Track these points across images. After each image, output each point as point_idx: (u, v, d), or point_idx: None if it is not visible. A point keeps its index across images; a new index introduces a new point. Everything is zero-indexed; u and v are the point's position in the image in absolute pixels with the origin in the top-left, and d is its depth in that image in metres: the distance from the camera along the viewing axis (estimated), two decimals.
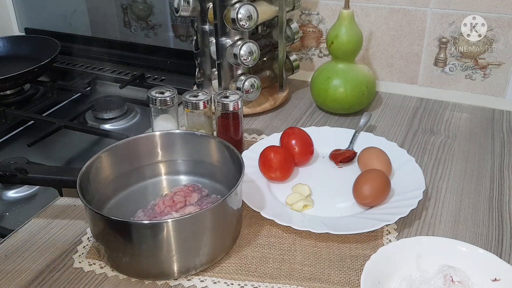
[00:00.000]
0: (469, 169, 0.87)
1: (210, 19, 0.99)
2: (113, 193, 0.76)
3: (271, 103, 1.07)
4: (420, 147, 0.94)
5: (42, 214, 0.78)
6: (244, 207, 0.74)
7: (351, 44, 1.00)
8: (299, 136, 0.87)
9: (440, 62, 1.09)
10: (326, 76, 1.03)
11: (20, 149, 0.99)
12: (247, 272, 0.67)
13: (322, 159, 0.90)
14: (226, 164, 0.76)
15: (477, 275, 0.61)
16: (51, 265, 0.68)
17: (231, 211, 0.68)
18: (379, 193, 0.75)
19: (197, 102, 0.85)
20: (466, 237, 0.72)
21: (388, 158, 0.82)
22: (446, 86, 1.11)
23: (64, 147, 1.01)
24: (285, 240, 0.72)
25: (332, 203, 0.79)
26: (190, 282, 0.65)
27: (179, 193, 0.75)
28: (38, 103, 1.15)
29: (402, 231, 0.73)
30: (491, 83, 1.07)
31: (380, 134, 0.96)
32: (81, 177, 0.67)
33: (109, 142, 0.94)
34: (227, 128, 0.87)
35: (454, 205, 0.79)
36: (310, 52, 1.20)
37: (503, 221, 0.75)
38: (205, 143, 0.79)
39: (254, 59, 0.97)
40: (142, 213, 0.73)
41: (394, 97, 1.13)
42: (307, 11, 1.16)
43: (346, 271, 0.66)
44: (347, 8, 0.98)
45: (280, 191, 0.81)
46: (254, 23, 0.95)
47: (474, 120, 1.03)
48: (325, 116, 1.06)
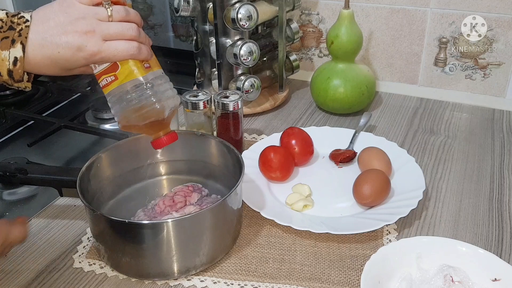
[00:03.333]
0: (469, 169, 0.87)
1: (210, 19, 0.99)
2: (113, 193, 0.76)
3: (271, 103, 1.07)
4: (420, 147, 0.94)
5: (42, 214, 0.78)
6: (244, 207, 0.74)
7: (351, 44, 1.00)
8: (299, 136, 0.87)
9: (440, 62, 1.09)
10: (326, 76, 1.03)
11: (20, 149, 0.98)
12: (247, 272, 0.67)
13: (322, 159, 0.90)
14: (226, 164, 0.76)
15: (477, 275, 0.61)
16: (51, 265, 0.68)
17: (231, 211, 0.68)
18: (379, 193, 0.75)
19: (197, 102, 0.85)
20: (466, 237, 0.72)
21: (388, 158, 0.82)
22: (446, 86, 1.11)
23: (64, 147, 1.01)
24: (285, 240, 0.72)
25: (332, 203, 0.79)
26: (190, 282, 0.65)
27: (179, 193, 0.75)
28: (38, 103, 1.15)
29: (402, 231, 0.73)
30: (491, 83, 1.07)
31: (380, 134, 0.96)
32: (81, 177, 0.67)
33: (109, 142, 0.94)
34: (227, 128, 0.87)
35: (454, 205, 0.79)
36: (310, 52, 1.20)
37: (503, 221, 0.75)
38: (205, 143, 0.79)
39: (254, 59, 0.97)
40: (142, 213, 0.73)
41: (394, 97, 1.13)
42: (307, 11, 1.16)
43: (346, 271, 0.66)
44: (347, 8, 0.99)
45: (280, 191, 0.81)
46: (254, 23, 0.95)
47: (474, 120, 1.03)
48: (325, 116, 1.06)
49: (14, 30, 0.59)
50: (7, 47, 0.58)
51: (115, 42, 0.61)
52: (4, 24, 0.59)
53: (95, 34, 0.60)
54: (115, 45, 0.61)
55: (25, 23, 0.59)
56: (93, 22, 0.60)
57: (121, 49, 0.61)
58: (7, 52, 0.58)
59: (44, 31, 0.59)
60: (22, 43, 0.58)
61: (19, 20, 0.59)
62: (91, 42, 0.60)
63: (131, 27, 0.62)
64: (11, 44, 0.58)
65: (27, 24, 0.59)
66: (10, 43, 0.58)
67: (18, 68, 0.59)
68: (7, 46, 0.58)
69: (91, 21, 0.60)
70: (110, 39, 0.61)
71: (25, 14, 0.60)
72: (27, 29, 0.59)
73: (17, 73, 0.59)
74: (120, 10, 0.62)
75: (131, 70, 0.62)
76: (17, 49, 0.58)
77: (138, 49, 0.62)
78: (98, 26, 0.60)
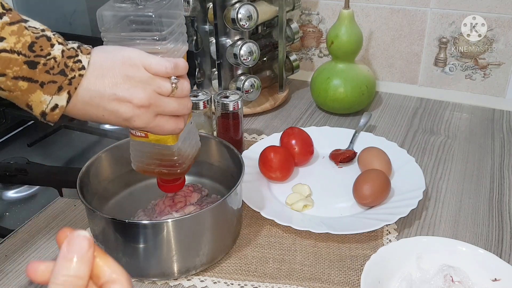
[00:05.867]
0: (469, 169, 0.87)
1: (210, 19, 0.99)
2: (113, 193, 0.76)
3: (271, 103, 1.07)
4: (420, 147, 0.94)
5: (42, 214, 0.77)
6: (244, 207, 0.74)
7: (351, 44, 1.00)
8: (299, 136, 0.87)
9: (440, 62, 1.09)
10: (326, 76, 1.03)
11: (20, 149, 0.99)
12: (247, 272, 0.67)
13: (322, 159, 0.90)
14: (226, 164, 0.76)
15: (477, 275, 0.61)
16: None
17: (231, 211, 0.68)
18: (379, 193, 0.75)
19: (197, 102, 0.85)
20: (466, 237, 0.72)
21: (388, 158, 0.82)
22: (446, 86, 1.11)
23: (64, 147, 1.01)
24: (285, 240, 0.72)
25: (332, 203, 0.79)
26: (190, 282, 0.65)
27: (179, 193, 0.75)
28: None
29: (402, 231, 0.73)
30: (491, 83, 1.07)
31: (380, 134, 0.96)
32: (81, 177, 0.67)
33: (109, 142, 0.93)
34: (227, 128, 0.87)
35: (454, 205, 0.79)
36: (310, 52, 1.20)
37: (503, 221, 0.75)
38: (205, 143, 0.78)
39: (254, 59, 0.97)
40: (142, 213, 0.73)
41: (394, 97, 1.13)
42: (307, 11, 1.16)
43: (346, 271, 0.66)
44: (347, 8, 0.98)
45: (280, 191, 0.81)
46: (254, 23, 0.95)
47: (474, 120, 1.03)
48: (325, 116, 1.06)
49: (65, 76, 0.51)
50: (51, 93, 0.50)
51: (165, 120, 0.55)
52: (56, 65, 0.50)
53: (150, 109, 0.53)
54: (164, 124, 0.55)
55: (80, 70, 0.51)
56: (152, 95, 0.53)
57: (167, 128, 0.56)
58: (50, 97, 0.50)
59: (96, 90, 0.52)
60: (69, 93, 0.51)
61: (75, 65, 0.51)
62: (142, 117, 0.53)
63: (187, 106, 0.56)
64: (57, 91, 0.50)
65: (81, 73, 0.51)
66: (57, 89, 0.50)
67: (55, 114, 0.52)
68: (52, 92, 0.50)
69: (151, 94, 0.53)
70: (163, 115, 0.55)
71: (83, 58, 0.51)
72: (80, 78, 0.51)
73: (52, 118, 0.52)
74: (185, 88, 0.55)
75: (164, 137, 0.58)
76: (62, 97, 0.51)
77: (181, 128, 0.57)
78: (156, 101, 0.53)
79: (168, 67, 0.53)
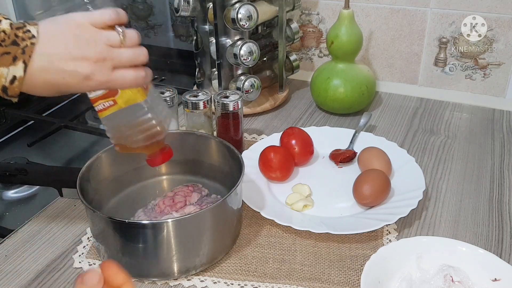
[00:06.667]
0: (469, 169, 0.87)
1: (210, 19, 0.99)
2: (113, 193, 0.76)
3: (271, 103, 1.07)
4: (420, 147, 0.94)
5: (42, 214, 0.77)
6: (244, 207, 0.74)
7: (351, 44, 1.00)
8: (299, 136, 0.87)
9: (440, 62, 1.09)
10: (326, 76, 1.03)
11: (20, 149, 0.99)
12: (247, 272, 0.67)
13: (322, 159, 0.90)
14: (226, 164, 0.76)
15: (477, 275, 0.61)
16: (51, 265, 0.68)
17: (231, 211, 0.68)
18: (379, 193, 0.75)
19: (197, 102, 0.85)
20: (466, 237, 0.72)
21: (388, 158, 0.82)
22: (446, 86, 1.11)
23: (64, 147, 1.01)
24: (285, 240, 0.72)
25: (332, 203, 0.79)
26: (190, 282, 0.65)
27: (179, 193, 0.75)
28: (38, 103, 1.15)
29: (402, 231, 0.73)
30: (491, 83, 1.07)
31: (380, 134, 0.96)
32: (81, 177, 0.67)
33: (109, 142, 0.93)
34: (227, 128, 0.87)
35: (454, 205, 0.79)
36: (310, 52, 1.20)
37: (503, 221, 0.75)
38: (205, 143, 0.79)
39: (254, 59, 0.97)
40: (142, 213, 0.73)
41: (394, 97, 1.13)
42: (307, 11, 1.16)
43: (346, 271, 0.66)
44: (347, 8, 0.99)
45: (280, 191, 0.81)
46: (254, 23, 0.95)
47: (474, 120, 1.03)
48: (325, 116, 1.06)
49: (17, 46, 0.52)
50: (7, 64, 0.52)
51: (124, 71, 0.57)
52: (7, 37, 0.52)
53: (106, 62, 0.55)
54: (124, 75, 0.57)
55: (31, 39, 0.53)
56: (104, 48, 0.55)
57: (129, 79, 0.57)
58: (6, 69, 0.52)
59: (50, 54, 0.54)
60: (25, 62, 0.52)
61: (25, 35, 0.53)
62: (101, 72, 0.55)
63: (142, 53, 0.58)
64: (12, 61, 0.52)
65: (33, 41, 0.53)
66: (12, 60, 0.52)
67: (15, 87, 0.53)
68: (7, 63, 0.52)
69: (102, 48, 0.55)
70: (120, 67, 0.56)
71: (31, 28, 0.53)
72: (32, 47, 0.53)
73: (13, 91, 0.54)
74: (133, 36, 0.57)
75: (131, 95, 0.59)
76: (18, 67, 0.52)
77: (145, 77, 0.58)
78: (109, 53, 0.55)
79: (111, 13, 0.56)
